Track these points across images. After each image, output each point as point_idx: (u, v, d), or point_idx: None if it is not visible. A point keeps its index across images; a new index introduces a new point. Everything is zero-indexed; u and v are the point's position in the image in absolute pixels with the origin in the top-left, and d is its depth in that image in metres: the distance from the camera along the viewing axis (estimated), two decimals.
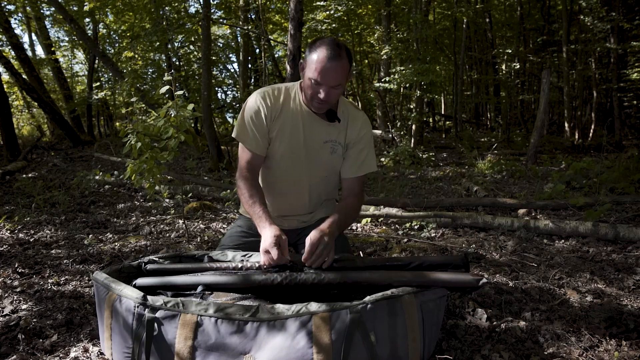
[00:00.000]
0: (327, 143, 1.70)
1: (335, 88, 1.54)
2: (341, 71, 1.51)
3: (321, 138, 1.70)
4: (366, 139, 1.74)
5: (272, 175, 1.76)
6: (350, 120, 1.73)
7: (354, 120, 1.73)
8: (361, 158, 1.73)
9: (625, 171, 4.18)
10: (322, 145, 1.70)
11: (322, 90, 1.53)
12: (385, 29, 8.91)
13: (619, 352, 1.37)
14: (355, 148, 1.73)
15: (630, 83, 8.89)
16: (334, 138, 1.70)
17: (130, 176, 2.41)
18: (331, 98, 1.56)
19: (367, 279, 1.31)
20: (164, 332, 1.20)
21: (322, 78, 1.50)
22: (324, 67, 1.49)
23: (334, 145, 1.71)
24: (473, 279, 1.28)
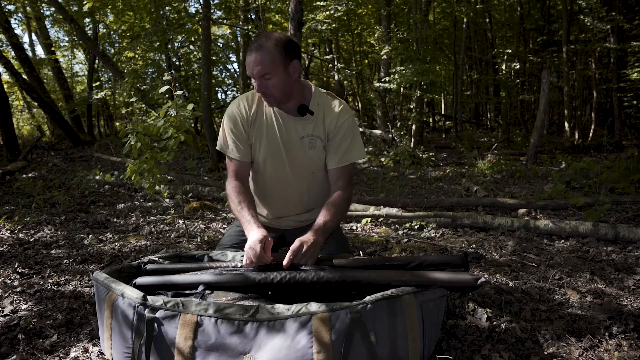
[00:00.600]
0: (305, 138, 1.68)
1: (265, 78, 1.52)
2: (262, 60, 1.49)
3: (297, 135, 1.68)
4: (346, 127, 1.68)
5: (260, 178, 1.78)
6: (326, 110, 1.69)
7: (329, 110, 1.69)
8: (343, 147, 1.68)
9: (625, 171, 4.18)
10: (300, 141, 1.68)
11: (256, 83, 1.54)
12: (385, 29, 8.92)
13: (619, 352, 1.37)
14: (336, 138, 1.68)
15: (630, 83, 8.89)
16: (310, 132, 1.68)
17: (130, 176, 2.41)
18: (268, 89, 1.54)
19: (367, 277, 1.31)
20: (164, 332, 1.20)
21: (249, 71, 1.53)
22: (248, 60, 1.52)
23: (312, 139, 1.68)
24: (472, 278, 1.28)
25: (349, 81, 14.40)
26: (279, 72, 1.52)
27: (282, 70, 1.53)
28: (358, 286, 1.33)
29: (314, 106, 1.67)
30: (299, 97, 1.65)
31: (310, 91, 1.69)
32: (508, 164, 5.62)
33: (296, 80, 1.61)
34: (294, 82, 1.60)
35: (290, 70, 1.56)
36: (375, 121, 12.04)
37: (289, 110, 1.67)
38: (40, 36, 11.21)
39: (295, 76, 1.58)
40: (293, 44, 1.57)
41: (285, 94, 1.59)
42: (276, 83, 1.54)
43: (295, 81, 1.60)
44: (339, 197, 1.64)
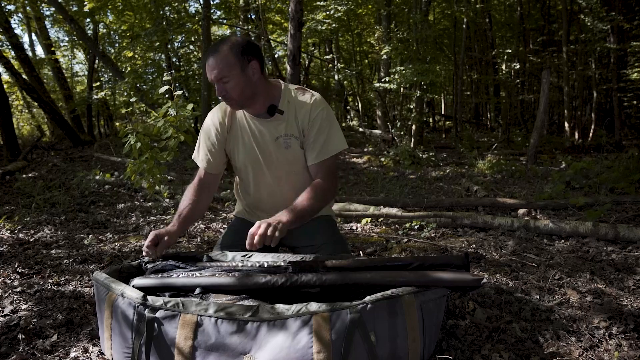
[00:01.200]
0: (279, 139, 1.66)
1: (223, 82, 1.53)
2: (217, 63, 1.50)
3: (271, 136, 1.67)
4: (319, 121, 1.64)
5: (245, 183, 1.80)
6: (297, 107, 1.65)
7: (300, 106, 1.65)
8: (320, 142, 1.64)
9: (625, 171, 4.18)
10: (275, 143, 1.67)
11: (217, 88, 1.55)
12: (385, 29, 8.92)
13: (619, 352, 1.37)
14: (311, 133, 1.65)
15: (630, 83, 8.89)
16: (284, 132, 1.66)
17: (130, 176, 2.42)
18: (228, 93, 1.54)
19: (368, 279, 1.31)
20: (164, 332, 1.20)
21: (208, 76, 1.55)
22: (205, 66, 1.54)
23: (287, 139, 1.66)
24: (473, 278, 1.28)
25: (349, 81, 14.41)
26: (235, 74, 1.52)
27: (240, 72, 1.53)
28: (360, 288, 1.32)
29: (284, 105, 1.65)
30: (266, 98, 1.64)
31: (280, 90, 1.67)
32: (508, 164, 5.62)
33: (259, 81, 1.59)
34: (255, 83, 1.58)
35: (249, 72, 1.55)
36: (375, 121, 12.04)
37: (259, 113, 1.66)
38: (40, 36, 11.21)
39: (256, 77, 1.57)
40: (251, 45, 1.57)
41: (246, 96, 1.58)
42: (234, 86, 1.54)
43: (257, 82, 1.58)
44: (317, 184, 1.60)
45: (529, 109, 13.42)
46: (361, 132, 10.96)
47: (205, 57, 1.53)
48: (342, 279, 1.32)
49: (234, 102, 1.59)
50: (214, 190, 1.84)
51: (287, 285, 1.32)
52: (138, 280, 1.41)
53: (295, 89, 1.69)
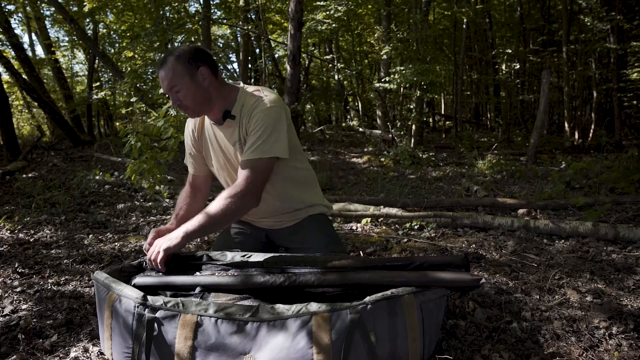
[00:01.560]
0: (236, 144, 1.65)
1: (175, 91, 1.55)
2: (167, 74, 1.54)
3: (229, 142, 1.67)
4: (256, 120, 1.56)
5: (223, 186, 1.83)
6: (244, 110, 1.61)
7: (248, 110, 1.60)
8: (251, 140, 1.57)
9: (625, 171, 4.18)
10: (234, 148, 1.67)
11: (171, 98, 1.59)
12: (385, 29, 8.92)
13: (619, 352, 1.37)
14: (250, 133, 1.59)
15: (630, 83, 8.89)
16: (237, 138, 1.64)
17: (130, 176, 2.41)
18: (181, 102, 1.57)
19: (368, 279, 1.31)
20: (164, 332, 1.20)
21: (162, 88, 1.59)
22: (159, 77, 1.58)
23: (241, 144, 1.64)
24: (472, 278, 1.28)
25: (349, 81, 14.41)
26: (185, 82, 1.54)
27: (189, 80, 1.54)
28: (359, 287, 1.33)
29: (238, 109, 1.62)
30: (222, 103, 1.63)
31: (237, 93, 1.65)
32: (508, 164, 5.62)
33: (211, 86, 1.58)
34: (207, 89, 1.58)
35: (198, 79, 1.56)
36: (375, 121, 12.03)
37: (217, 119, 1.67)
38: (40, 36, 11.21)
39: (207, 83, 1.57)
40: (199, 52, 1.58)
41: (199, 103, 1.59)
42: (186, 94, 1.56)
43: (209, 88, 1.58)
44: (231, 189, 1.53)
45: (529, 109, 13.42)
46: (361, 132, 10.96)
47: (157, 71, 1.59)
48: (342, 279, 1.32)
49: (190, 110, 1.61)
50: (206, 190, 1.88)
51: (286, 285, 1.32)
52: (139, 279, 1.41)
53: (252, 91, 1.64)
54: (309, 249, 1.74)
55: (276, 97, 1.64)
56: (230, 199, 1.50)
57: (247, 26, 10.07)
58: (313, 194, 1.87)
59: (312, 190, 1.88)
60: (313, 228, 1.81)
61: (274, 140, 1.56)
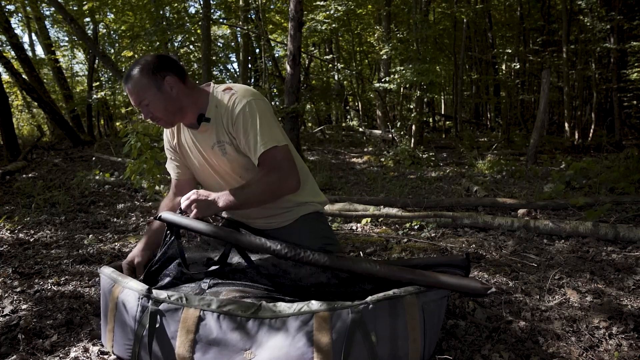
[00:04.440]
0: (215, 147, 1.62)
1: (144, 104, 1.52)
2: (133, 89, 1.52)
3: (208, 145, 1.64)
4: (242, 118, 1.55)
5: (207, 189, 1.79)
6: (222, 110, 1.59)
7: (224, 109, 1.58)
8: (252, 142, 1.55)
9: (625, 171, 4.18)
10: (212, 151, 1.64)
11: (142, 112, 1.56)
12: (385, 29, 8.92)
13: (619, 352, 1.37)
14: (239, 135, 1.57)
15: (630, 83, 8.89)
16: (215, 139, 1.61)
17: (130, 176, 2.41)
18: (153, 114, 1.55)
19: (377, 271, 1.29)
20: (166, 324, 1.21)
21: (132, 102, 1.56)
22: (127, 92, 1.55)
23: (221, 145, 1.61)
24: (482, 287, 1.27)
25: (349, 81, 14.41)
26: (152, 94, 1.51)
27: (156, 91, 1.52)
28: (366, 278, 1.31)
29: (212, 110, 1.60)
30: (195, 108, 1.61)
31: (208, 96, 1.62)
32: (508, 164, 5.62)
33: (180, 94, 1.56)
34: (177, 98, 1.56)
35: (165, 89, 1.54)
36: (375, 121, 12.04)
37: (192, 124, 1.65)
38: (40, 36, 11.21)
39: (175, 91, 1.55)
40: (162, 60, 1.56)
41: (171, 112, 1.57)
42: (156, 106, 1.53)
43: (178, 96, 1.56)
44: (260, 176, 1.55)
45: (529, 109, 13.43)
46: (361, 132, 10.96)
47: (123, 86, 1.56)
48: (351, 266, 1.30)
49: (162, 121, 1.59)
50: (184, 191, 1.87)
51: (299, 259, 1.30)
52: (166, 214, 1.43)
53: (222, 90, 1.62)
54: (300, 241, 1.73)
55: (249, 89, 1.63)
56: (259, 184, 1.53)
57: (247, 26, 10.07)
58: (301, 190, 1.73)
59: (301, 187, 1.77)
60: (307, 229, 1.75)
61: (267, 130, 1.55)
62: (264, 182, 1.54)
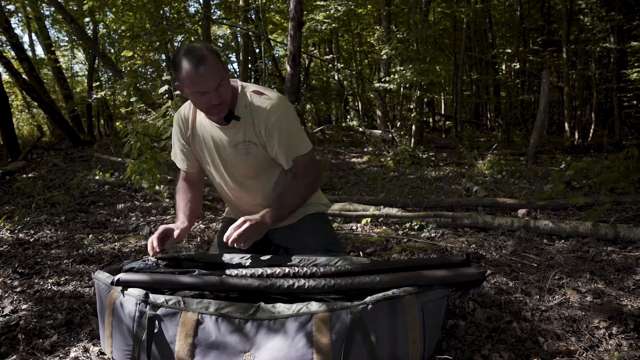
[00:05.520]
0: (239, 145, 1.62)
1: (220, 87, 1.47)
2: (212, 70, 1.45)
3: (230, 143, 1.63)
4: (278, 125, 1.58)
5: (216, 186, 1.82)
6: (254, 111, 1.59)
7: (257, 112, 1.59)
8: (284, 147, 1.61)
9: (625, 171, 4.18)
10: (234, 149, 1.63)
11: (211, 97, 1.47)
12: (385, 29, 8.92)
13: (619, 352, 1.37)
14: (273, 141, 1.60)
15: (630, 83, 8.88)
16: (242, 139, 1.61)
17: (130, 176, 2.41)
18: (224, 98, 1.50)
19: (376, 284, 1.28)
20: (164, 329, 1.20)
21: (203, 87, 1.45)
22: (198, 77, 1.43)
23: (246, 145, 1.62)
24: (477, 272, 1.28)
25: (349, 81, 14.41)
26: (226, 77, 1.51)
27: (227, 75, 1.52)
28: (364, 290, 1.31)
29: (241, 109, 1.59)
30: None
31: (237, 92, 1.61)
32: (508, 164, 5.62)
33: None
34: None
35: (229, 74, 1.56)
36: (375, 121, 12.03)
37: (220, 120, 1.61)
38: (40, 36, 11.21)
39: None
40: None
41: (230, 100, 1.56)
42: (226, 90, 1.51)
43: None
44: (294, 181, 1.65)
45: (529, 109, 13.42)
46: (361, 132, 10.96)
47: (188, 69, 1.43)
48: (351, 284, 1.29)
49: (224, 106, 1.53)
50: (201, 185, 1.90)
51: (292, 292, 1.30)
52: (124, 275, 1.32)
53: (251, 91, 1.62)
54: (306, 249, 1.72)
55: (281, 95, 1.67)
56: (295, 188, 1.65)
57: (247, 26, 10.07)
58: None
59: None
60: (311, 228, 1.78)
61: (300, 137, 1.65)
62: (303, 186, 1.65)
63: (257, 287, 1.29)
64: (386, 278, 1.29)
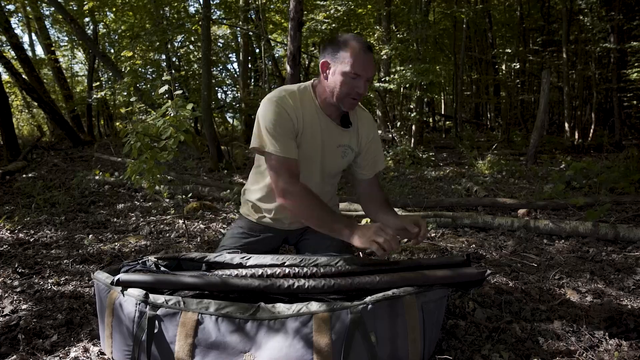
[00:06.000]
0: (340, 147, 1.69)
1: (370, 81, 1.55)
2: (373, 62, 1.53)
3: (335, 142, 1.67)
4: (377, 138, 1.78)
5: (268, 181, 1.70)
6: (360, 122, 1.72)
7: (362, 123, 1.73)
8: (378, 158, 1.77)
9: (625, 171, 4.18)
10: (336, 149, 1.68)
11: (362, 84, 1.52)
12: (385, 29, 8.91)
13: (619, 352, 1.37)
14: (370, 151, 1.75)
15: (630, 83, 8.88)
16: (346, 143, 1.70)
17: (130, 176, 2.41)
18: (365, 92, 1.55)
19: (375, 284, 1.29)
20: (164, 329, 1.20)
21: (363, 70, 1.49)
22: (363, 59, 1.48)
23: (345, 149, 1.70)
24: (477, 272, 1.28)
25: None
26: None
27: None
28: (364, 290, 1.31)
29: (353, 116, 1.70)
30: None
31: None
32: (508, 164, 5.62)
33: None
34: None
35: None
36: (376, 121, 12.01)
37: (333, 118, 1.66)
38: (40, 36, 11.21)
39: None
40: None
41: None
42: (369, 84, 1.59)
43: None
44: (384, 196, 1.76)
45: (529, 109, 13.42)
46: None
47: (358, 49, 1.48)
48: (351, 285, 1.30)
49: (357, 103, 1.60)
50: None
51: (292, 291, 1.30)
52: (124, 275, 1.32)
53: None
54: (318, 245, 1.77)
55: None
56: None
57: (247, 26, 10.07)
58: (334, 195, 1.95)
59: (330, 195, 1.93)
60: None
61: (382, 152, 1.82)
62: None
63: (257, 287, 1.29)
64: (386, 278, 1.29)
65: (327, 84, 1.57)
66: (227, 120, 13.73)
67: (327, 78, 1.56)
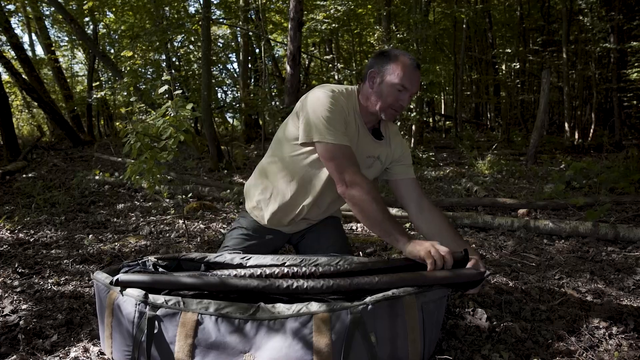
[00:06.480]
0: (369, 158, 1.69)
1: (414, 95, 1.62)
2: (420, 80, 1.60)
3: (366, 152, 1.68)
4: (410, 155, 1.81)
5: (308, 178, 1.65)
6: (392, 136, 1.76)
7: (394, 136, 1.77)
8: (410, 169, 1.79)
9: (625, 171, 4.18)
10: (365, 159, 1.68)
11: (406, 97, 1.57)
12: (385, 29, 8.91)
13: (619, 352, 1.37)
14: (402, 161, 1.77)
15: (630, 83, 8.88)
16: (377, 155, 1.71)
17: (130, 176, 2.41)
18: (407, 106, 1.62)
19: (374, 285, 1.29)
20: (164, 330, 1.20)
21: (410, 84, 1.55)
22: (412, 73, 1.55)
23: (374, 160, 1.71)
24: (478, 273, 1.28)
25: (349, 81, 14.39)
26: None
27: None
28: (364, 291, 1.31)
29: (383, 129, 1.74)
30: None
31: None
32: (508, 164, 5.62)
33: None
34: None
35: None
36: None
37: (370, 128, 1.70)
38: (40, 36, 11.21)
39: None
40: None
41: None
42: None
43: None
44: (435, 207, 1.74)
45: (529, 109, 13.42)
46: None
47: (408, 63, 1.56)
48: (350, 284, 1.30)
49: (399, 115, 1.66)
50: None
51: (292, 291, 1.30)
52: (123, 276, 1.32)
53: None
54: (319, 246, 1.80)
55: None
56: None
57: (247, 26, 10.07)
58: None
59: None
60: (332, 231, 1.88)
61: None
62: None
63: (257, 287, 1.29)
64: (386, 278, 1.29)
65: (373, 92, 1.60)
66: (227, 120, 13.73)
67: (373, 87, 1.60)
